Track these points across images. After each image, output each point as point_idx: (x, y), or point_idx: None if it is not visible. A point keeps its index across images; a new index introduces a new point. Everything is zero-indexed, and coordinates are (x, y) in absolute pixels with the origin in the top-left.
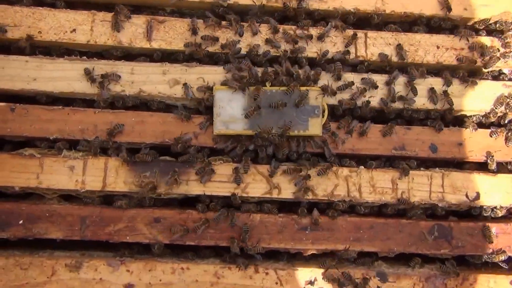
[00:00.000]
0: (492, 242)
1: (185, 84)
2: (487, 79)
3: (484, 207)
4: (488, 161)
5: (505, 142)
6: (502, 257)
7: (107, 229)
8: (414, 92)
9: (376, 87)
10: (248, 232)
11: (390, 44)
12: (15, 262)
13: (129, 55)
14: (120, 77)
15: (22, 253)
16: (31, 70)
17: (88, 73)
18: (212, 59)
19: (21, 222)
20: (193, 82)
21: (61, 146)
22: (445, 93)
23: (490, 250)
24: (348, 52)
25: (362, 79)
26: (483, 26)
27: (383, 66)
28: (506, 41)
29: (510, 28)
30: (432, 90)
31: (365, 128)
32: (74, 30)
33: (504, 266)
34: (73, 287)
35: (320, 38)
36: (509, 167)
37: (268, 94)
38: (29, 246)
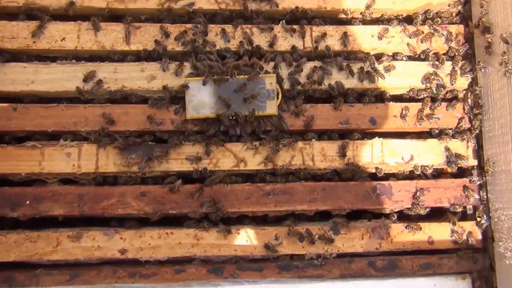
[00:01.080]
0: (424, 196)
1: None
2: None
3: (417, 167)
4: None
5: (416, 122)
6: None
7: (101, 204)
8: (351, 73)
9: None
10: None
11: (332, 35)
12: (25, 236)
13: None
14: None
15: (30, 230)
16: (29, 74)
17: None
18: (183, 56)
19: (28, 202)
20: (167, 76)
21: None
22: (369, 73)
23: (423, 203)
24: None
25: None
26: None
27: (327, 54)
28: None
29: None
30: (361, 70)
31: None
32: (64, 38)
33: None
34: (76, 254)
35: (273, 40)
36: (436, 132)
37: (231, 82)
38: (36, 227)
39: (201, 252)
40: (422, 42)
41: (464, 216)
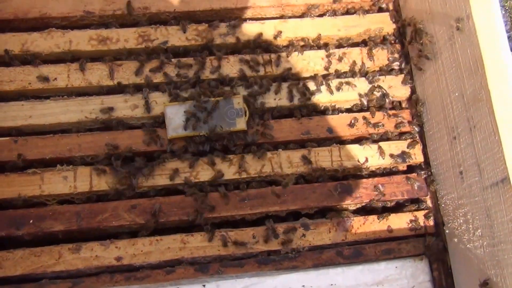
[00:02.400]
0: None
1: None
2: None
3: (371, 167)
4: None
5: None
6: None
7: (97, 218)
8: (307, 90)
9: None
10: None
11: (288, 60)
12: (30, 252)
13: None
14: None
15: (34, 247)
16: (26, 111)
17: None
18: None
19: (31, 221)
20: (149, 103)
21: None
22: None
23: (379, 197)
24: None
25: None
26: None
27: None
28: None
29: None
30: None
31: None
32: (56, 78)
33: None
34: (76, 265)
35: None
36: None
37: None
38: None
39: (188, 254)
40: (365, 60)
41: (418, 206)
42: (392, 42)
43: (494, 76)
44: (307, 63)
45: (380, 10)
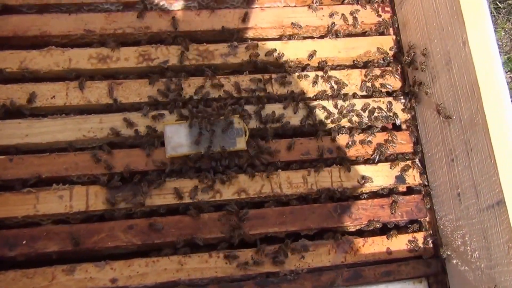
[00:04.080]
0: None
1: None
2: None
3: (371, 188)
4: (374, 155)
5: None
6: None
7: (92, 239)
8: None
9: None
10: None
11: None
12: (22, 273)
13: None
14: None
15: (26, 268)
16: (23, 129)
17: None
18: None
19: (24, 242)
20: (148, 122)
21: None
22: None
23: (378, 219)
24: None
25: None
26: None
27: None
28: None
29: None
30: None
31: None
32: (54, 96)
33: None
34: (70, 287)
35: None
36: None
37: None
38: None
39: (185, 276)
40: (365, 82)
41: (418, 228)
42: (391, 64)
43: (489, 101)
44: (308, 84)
45: (380, 33)
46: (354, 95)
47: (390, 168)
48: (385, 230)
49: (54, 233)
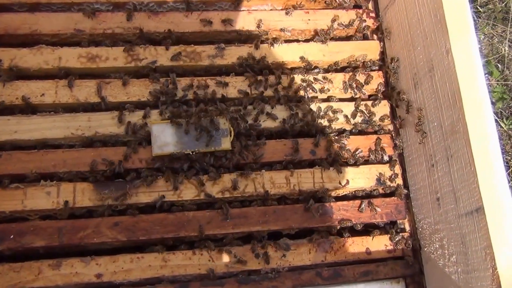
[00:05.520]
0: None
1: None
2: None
3: (352, 189)
4: (356, 158)
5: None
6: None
7: (78, 234)
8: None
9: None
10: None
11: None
12: (9, 267)
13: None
14: None
15: (14, 262)
16: (12, 126)
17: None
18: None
19: (12, 236)
20: (135, 121)
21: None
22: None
23: (359, 219)
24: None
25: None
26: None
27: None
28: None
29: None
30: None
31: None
32: (43, 94)
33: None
34: (55, 281)
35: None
36: (366, 159)
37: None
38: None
39: (169, 273)
40: (350, 86)
41: (397, 229)
42: (375, 68)
43: (471, 110)
44: (292, 86)
45: (365, 38)
46: (336, 98)
47: (371, 171)
48: (363, 232)
49: (41, 228)
